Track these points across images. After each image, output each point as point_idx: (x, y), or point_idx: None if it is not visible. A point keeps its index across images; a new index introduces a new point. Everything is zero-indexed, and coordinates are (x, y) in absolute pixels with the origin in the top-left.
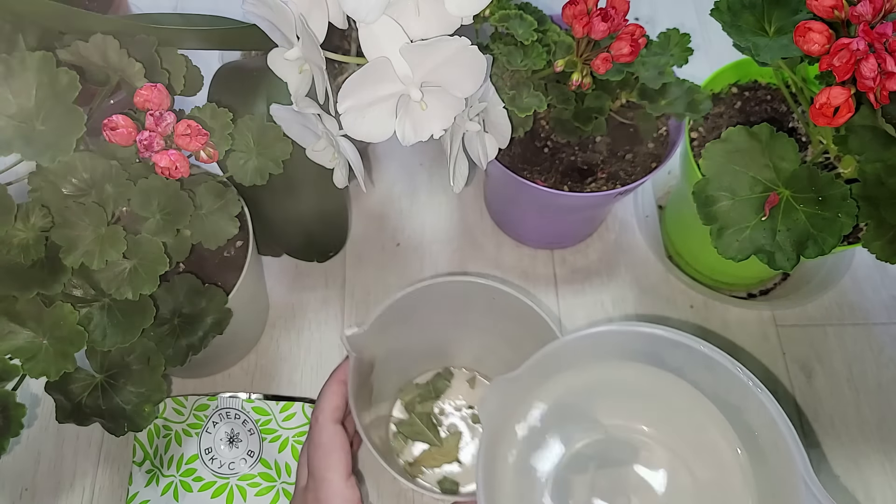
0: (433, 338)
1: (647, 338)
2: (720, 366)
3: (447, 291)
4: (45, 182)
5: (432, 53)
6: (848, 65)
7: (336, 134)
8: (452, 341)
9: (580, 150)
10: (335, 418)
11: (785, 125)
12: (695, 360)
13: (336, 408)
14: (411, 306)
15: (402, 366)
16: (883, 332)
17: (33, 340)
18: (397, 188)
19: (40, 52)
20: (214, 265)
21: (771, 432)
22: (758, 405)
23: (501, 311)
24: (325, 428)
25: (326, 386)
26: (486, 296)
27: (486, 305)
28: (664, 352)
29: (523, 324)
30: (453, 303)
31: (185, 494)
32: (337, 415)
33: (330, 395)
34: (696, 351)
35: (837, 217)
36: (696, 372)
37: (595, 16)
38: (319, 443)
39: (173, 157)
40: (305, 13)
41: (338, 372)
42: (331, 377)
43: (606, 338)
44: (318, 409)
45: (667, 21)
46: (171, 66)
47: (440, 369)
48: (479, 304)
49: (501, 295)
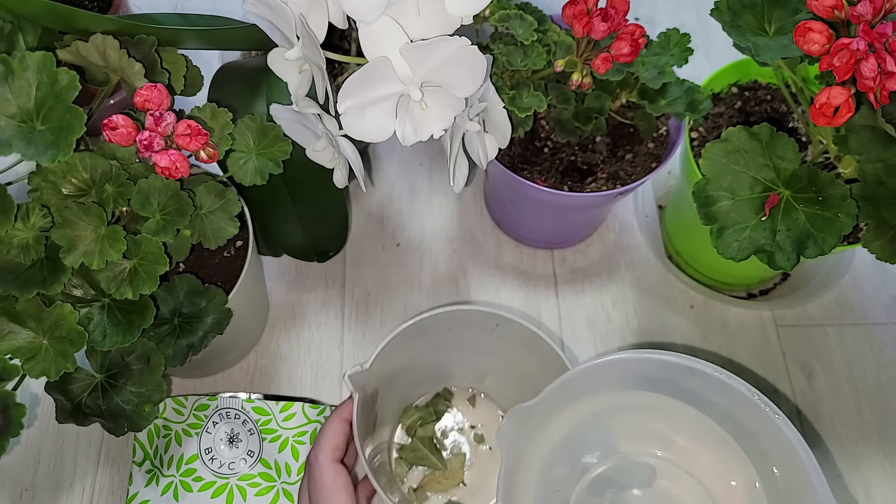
0: (432, 361)
1: (663, 364)
2: (736, 391)
3: (449, 320)
4: (45, 182)
5: (432, 53)
6: (848, 65)
7: (336, 134)
8: (451, 362)
9: (580, 150)
10: (335, 458)
11: (785, 125)
12: (711, 385)
13: (336, 447)
14: (412, 336)
15: (402, 390)
16: (883, 332)
17: (33, 340)
18: (397, 188)
19: (40, 52)
20: (214, 265)
21: (788, 457)
22: (775, 431)
23: (503, 335)
24: (325, 468)
25: (328, 424)
26: (489, 323)
27: (488, 331)
28: (679, 378)
29: (526, 346)
30: (454, 330)
31: (185, 494)
32: (337, 454)
33: (331, 434)
34: (711, 377)
35: (837, 217)
36: (713, 396)
37: (595, 16)
38: (323, 484)
39: (173, 157)
40: (305, 13)
41: (341, 410)
42: (333, 415)
43: (621, 365)
44: (318, 448)
45: (667, 21)
46: (171, 66)
47: (439, 389)
48: (481, 329)
49: (505, 322)
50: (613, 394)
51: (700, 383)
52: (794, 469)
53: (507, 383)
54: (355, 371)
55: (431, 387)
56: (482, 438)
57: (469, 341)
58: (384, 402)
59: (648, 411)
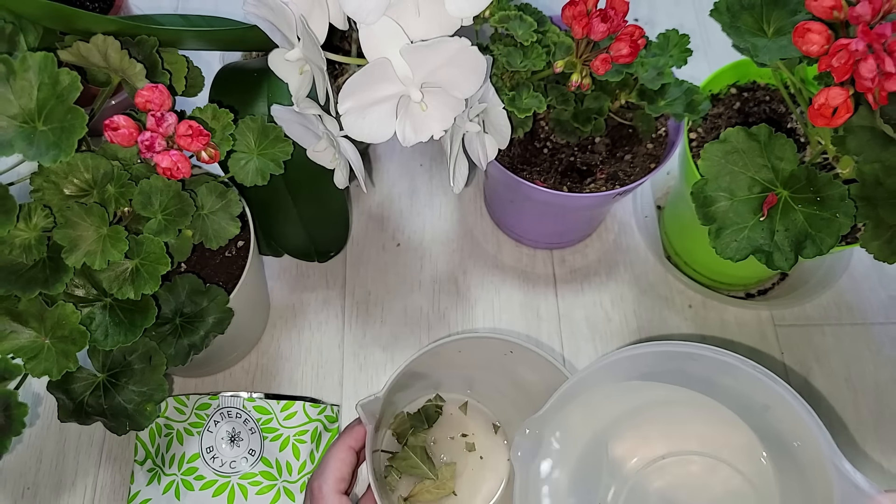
0: (425, 372)
1: (664, 355)
2: (738, 370)
3: (462, 346)
4: (47, 182)
5: (432, 54)
6: (847, 65)
7: (337, 134)
8: (445, 373)
9: (579, 151)
10: (340, 490)
11: (783, 126)
12: (715, 367)
13: (342, 479)
14: (423, 360)
15: (394, 399)
16: (881, 332)
17: (35, 340)
18: (397, 188)
19: (42, 53)
20: (216, 265)
21: (796, 425)
22: (780, 400)
23: (515, 360)
24: (329, 501)
25: (334, 453)
26: (504, 349)
27: (500, 356)
28: (685, 365)
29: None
30: (465, 353)
31: (187, 493)
32: (342, 486)
33: (337, 465)
34: (712, 359)
35: (835, 217)
36: (722, 379)
37: (594, 17)
38: None
39: (175, 158)
40: (306, 14)
41: (347, 438)
42: (339, 442)
43: (626, 364)
44: (322, 478)
45: (666, 22)
46: (173, 67)
47: (430, 396)
48: (494, 355)
49: (519, 349)
50: (626, 394)
51: (705, 367)
52: (802, 435)
53: (499, 392)
54: (368, 401)
55: (422, 393)
56: (473, 447)
57: (475, 362)
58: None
59: (665, 406)
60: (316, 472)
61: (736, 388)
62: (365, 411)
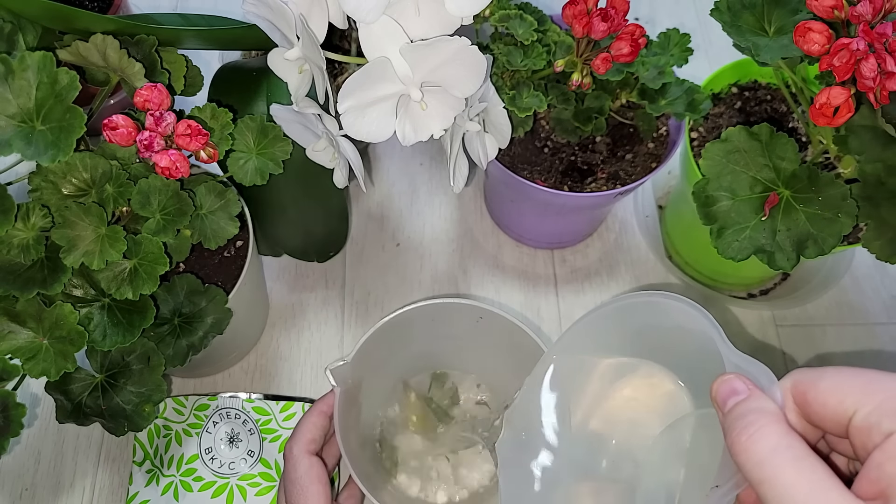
0: (418, 352)
1: (612, 317)
2: (639, 307)
3: (431, 313)
4: (46, 182)
5: (432, 53)
6: (848, 65)
7: (336, 134)
8: (437, 353)
9: (580, 150)
10: (310, 451)
11: (785, 125)
12: (640, 317)
13: (312, 440)
14: (396, 329)
15: (389, 378)
16: (883, 332)
17: (33, 340)
18: (397, 188)
19: (40, 52)
20: (214, 265)
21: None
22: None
23: (488, 330)
24: (300, 461)
25: (306, 417)
26: (473, 315)
27: (472, 323)
28: (627, 325)
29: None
30: (438, 322)
31: (186, 494)
32: (312, 447)
33: (308, 426)
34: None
35: (837, 217)
36: (649, 330)
37: (595, 16)
38: (295, 478)
39: (173, 157)
40: (305, 13)
41: (320, 403)
42: (312, 408)
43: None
44: (292, 440)
45: (667, 21)
46: (172, 67)
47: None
48: (466, 322)
49: (489, 315)
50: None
51: (634, 321)
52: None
53: (493, 372)
54: (337, 365)
55: (419, 373)
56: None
57: (454, 334)
58: (369, 392)
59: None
60: (289, 438)
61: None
62: (334, 375)
